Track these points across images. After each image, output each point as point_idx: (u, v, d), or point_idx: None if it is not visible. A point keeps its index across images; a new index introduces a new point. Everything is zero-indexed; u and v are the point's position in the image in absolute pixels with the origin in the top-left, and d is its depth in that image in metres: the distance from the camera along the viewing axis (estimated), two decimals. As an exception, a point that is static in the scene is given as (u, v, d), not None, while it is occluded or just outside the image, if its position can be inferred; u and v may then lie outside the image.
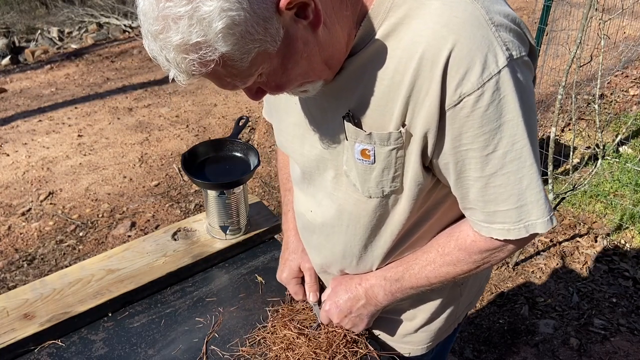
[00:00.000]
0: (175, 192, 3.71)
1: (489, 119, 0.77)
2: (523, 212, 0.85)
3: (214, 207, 1.40)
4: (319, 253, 1.15)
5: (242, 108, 4.96)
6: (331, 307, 1.11)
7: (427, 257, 1.00)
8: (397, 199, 0.93)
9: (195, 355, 1.15)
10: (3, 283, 2.92)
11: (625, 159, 3.64)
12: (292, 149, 1.05)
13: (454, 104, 0.77)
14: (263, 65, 0.74)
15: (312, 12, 0.72)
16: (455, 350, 2.46)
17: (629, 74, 4.95)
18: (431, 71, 0.76)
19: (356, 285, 1.08)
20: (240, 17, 0.65)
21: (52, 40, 7.45)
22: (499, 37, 0.75)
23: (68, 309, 1.23)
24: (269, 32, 0.69)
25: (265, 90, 0.82)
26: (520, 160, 0.80)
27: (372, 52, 0.81)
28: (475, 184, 0.84)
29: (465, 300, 1.21)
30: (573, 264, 2.94)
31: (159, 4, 0.65)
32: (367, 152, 0.87)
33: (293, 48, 0.74)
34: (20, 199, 3.65)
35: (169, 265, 1.37)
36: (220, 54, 0.68)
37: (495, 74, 0.74)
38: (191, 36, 0.66)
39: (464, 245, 0.95)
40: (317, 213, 1.07)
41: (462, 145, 0.81)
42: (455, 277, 0.99)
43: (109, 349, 1.17)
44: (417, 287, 1.02)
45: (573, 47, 2.43)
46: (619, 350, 2.42)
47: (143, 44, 0.72)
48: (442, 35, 0.74)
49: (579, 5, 4.18)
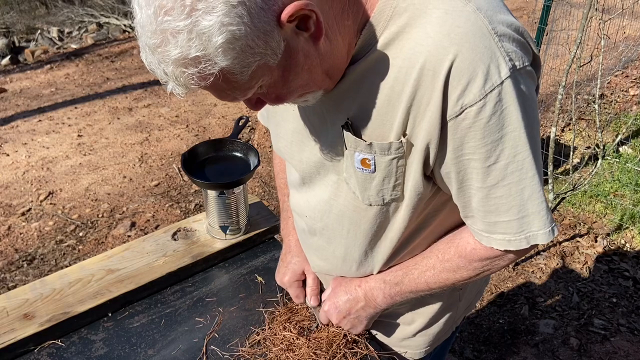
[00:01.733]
0: (175, 192, 3.71)
1: (490, 130, 0.76)
2: (524, 223, 0.84)
3: (214, 207, 1.40)
4: (319, 256, 1.14)
5: (242, 108, 4.96)
6: (330, 307, 1.11)
7: (426, 263, 1.00)
8: (397, 207, 0.93)
9: (195, 355, 1.15)
10: (3, 283, 2.92)
11: (625, 159, 3.64)
12: (290, 155, 1.04)
13: (456, 115, 0.76)
14: (263, 78, 0.73)
15: (313, 24, 0.70)
16: (455, 350, 2.46)
17: (629, 74, 4.95)
18: (432, 81, 0.75)
19: (356, 287, 1.08)
20: (240, 32, 0.64)
21: (52, 40, 7.45)
22: (501, 47, 0.73)
23: (68, 309, 1.23)
24: (270, 45, 0.68)
25: (265, 101, 0.81)
26: (521, 172, 0.80)
27: (373, 60, 0.80)
28: (477, 193, 0.84)
29: (464, 305, 1.21)
30: (573, 264, 2.94)
31: (157, 17, 0.64)
32: (367, 161, 0.87)
33: (294, 60, 0.73)
34: (20, 199, 3.65)
35: (169, 265, 1.37)
36: (220, 68, 0.67)
37: (497, 85, 0.73)
38: (190, 50, 0.64)
39: (464, 252, 0.94)
40: (314, 218, 1.07)
41: (463, 155, 0.80)
42: (454, 283, 0.99)
43: (109, 349, 1.17)
44: (416, 292, 1.02)
45: (573, 47, 2.43)
46: (619, 350, 2.42)
47: (140, 56, 0.71)
48: (444, 46, 0.73)
49: (579, 5, 4.18)
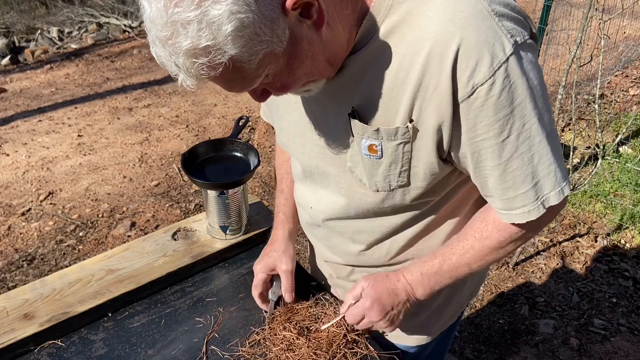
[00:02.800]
0: (175, 192, 3.71)
1: (502, 105, 0.79)
2: (538, 189, 0.87)
3: (214, 207, 1.40)
4: (326, 245, 1.16)
5: (242, 108, 4.96)
6: (373, 303, 1.05)
7: (464, 245, 1.00)
8: (403, 192, 0.95)
9: (195, 355, 1.15)
10: (3, 283, 2.92)
11: (625, 159, 3.64)
12: (293, 148, 1.06)
13: (468, 95, 0.78)
14: (270, 66, 0.74)
15: (315, 11, 0.73)
16: (455, 350, 2.46)
17: (629, 74, 4.95)
18: (440, 66, 0.78)
19: (395, 281, 1.05)
20: (248, 19, 0.66)
21: (52, 40, 7.45)
22: (502, 26, 0.77)
23: (68, 309, 1.23)
24: (276, 32, 0.70)
25: (270, 91, 0.83)
26: (530, 139, 0.83)
27: (375, 49, 0.83)
28: (493, 172, 0.87)
29: (468, 290, 1.24)
30: (573, 264, 2.94)
31: (168, 9, 0.65)
32: (374, 147, 0.89)
33: (298, 48, 0.75)
34: (20, 199, 3.65)
35: (169, 265, 1.37)
36: (230, 57, 0.68)
37: (504, 62, 0.77)
38: (200, 40, 0.66)
39: (502, 225, 0.95)
40: (318, 210, 1.09)
41: (477, 136, 0.83)
42: (495, 259, 1.00)
43: (109, 349, 1.17)
44: (457, 277, 1.03)
45: (573, 47, 2.43)
46: (619, 350, 2.42)
47: (151, 50, 0.72)
48: (449, 31, 0.76)
49: (579, 5, 4.18)
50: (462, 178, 0.98)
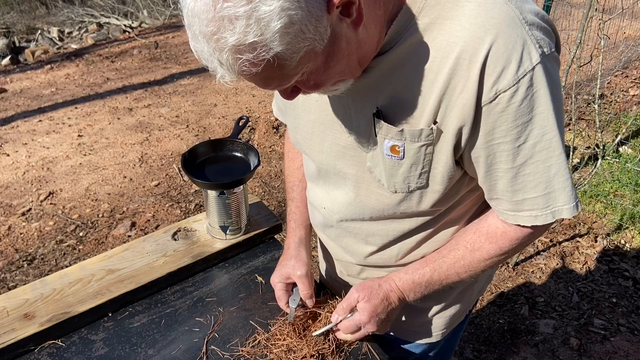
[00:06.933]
0: (175, 192, 3.71)
1: (522, 113, 0.80)
2: (550, 199, 0.88)
3: (214, 207, 1.40)
4: (337, 244, 1.17)
5: (242, 108, 4.96)
6: (370, 318, 1.06)
7: (455, 255, 1.02)
8: (421, 194, 0.95)
9: (195, 355, 1.15)
10: (3, 283, 2.92)
11: (625, 159, 3.64)
12: (309, 147, 1.06)
13: (490, 100, 0.80)
14: (308, 64, 0.74)
15: (355, 10, 0.73)
16: (455, 350, 2.46)
17: (629, 74, 4.95)
18: (468, 70, 0.79)
19: (387, 290, 1.06)
20: (297, 16, 0.66)
21: (52, 40, 7.46)
22: (532, 35, 0.78)
23: (68, 309, 1.23)
24: (319, 30, 0.70)
25: (301, 90, 0.82)
26: (549, 150, 0.84)
27: (404, 51, 0.83)
28: (505, 175, 0.88)
29: (478, 287, 1.26)
30: (573, 264, 2.94)
31: (217, 4, 0.64)
32: (396, 148, 0.89)
33: (337, 46, 0.75)
34: (20, 199, 3.65)
35: (169, 265, 1.37)
36: (274, 54, 0.68)
37: (529, 71, 0.78)
38: (247, 36, 0.65)
39: (495, 237, 0.97)
40: (332, 210, 1.09)
41: (494, 140, 0.84)
42: (484, 270, 1.02)
43: (109, 349, 1.17)
44: (446, 284, 1.05)
45: (573, 47, 2.43)
46: (619, 350, 2.42)
47: (190, 45, 0.71)
48: (479, 36, 0.77)
49: (579, 5, 4.18)
50: (471, 186, 0.99)
